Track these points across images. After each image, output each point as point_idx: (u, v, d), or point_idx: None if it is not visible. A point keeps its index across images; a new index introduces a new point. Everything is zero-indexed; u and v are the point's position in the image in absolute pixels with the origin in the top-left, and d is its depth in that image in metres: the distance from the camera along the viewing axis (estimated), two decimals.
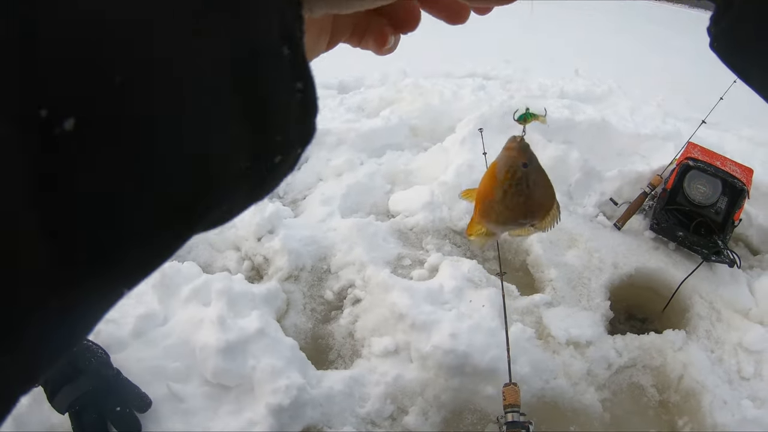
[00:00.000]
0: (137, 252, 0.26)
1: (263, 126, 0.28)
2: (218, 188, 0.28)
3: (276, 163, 0.30)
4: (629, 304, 3.37)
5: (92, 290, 0.25)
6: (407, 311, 2.74)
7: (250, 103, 0.27)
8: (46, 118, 0.20)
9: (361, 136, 4.13)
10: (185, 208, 0.26)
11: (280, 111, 0.29)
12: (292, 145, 0.31)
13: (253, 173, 0.29)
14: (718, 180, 3.51)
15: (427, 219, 3.48)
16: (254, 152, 0.29)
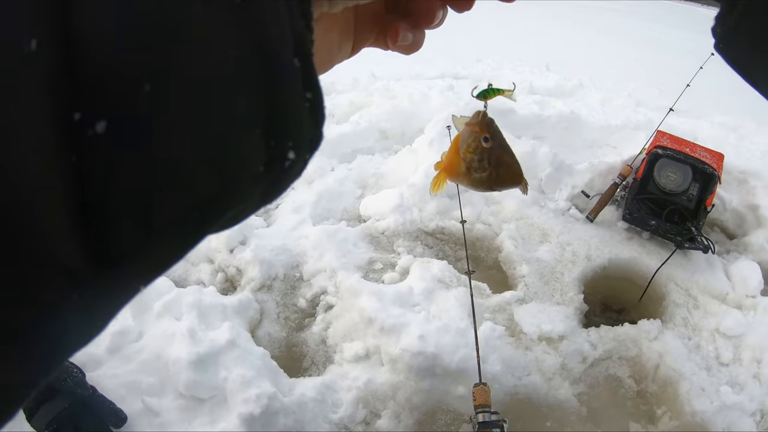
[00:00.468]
0: (158, 250, 0.28)
1: (277, 133, 0.30)
2: (236, 191, 0.30)
3: (286, 168, 0.32)
4: (605, 296, 3.36)
5: (112, 287, 0.27)
6: (375, 315, 2.72)
7: (267, 112, 0.29)
8: (79, 120, 0.22)
9: (331, 142, 4.12)
10: (206, 208, 0.28)
11: (292, 120, 0.31)
12: (301, 151, 0.33)
13: (266, 177, 0.31)
14: (688, 166, 3.50)
15: (398, 222, 3.46)
16: (268, 157, 0.30)
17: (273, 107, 0.29)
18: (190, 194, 0.27)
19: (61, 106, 0.22)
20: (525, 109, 4.42)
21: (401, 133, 4.37)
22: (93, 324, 0.28)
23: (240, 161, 0.29)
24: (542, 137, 4.23)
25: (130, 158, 0.24)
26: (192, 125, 0.26)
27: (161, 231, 0.27)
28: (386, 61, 6.13)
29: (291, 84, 0.30)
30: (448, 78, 5.66)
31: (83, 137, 0.22)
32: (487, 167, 0.71)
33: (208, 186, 0.28)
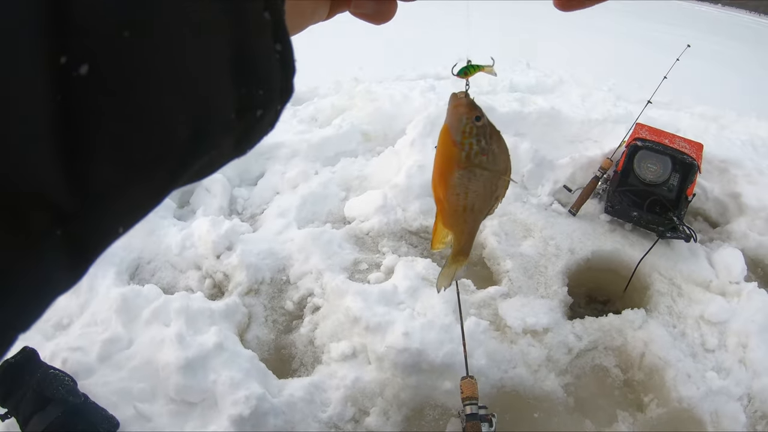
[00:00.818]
0: (137, 188, 0.29)
1: (246, 81, 0.32)
2: (210, 134, 0.31)
3: (258, 117, 0.34)
4: (589, 288, 3.38)
5: (94, 225, 0.28)
6: (361, 314, 2.73)
7: (236, 61, 0.31)
8: (65, 63, 0.24)
9: (314, 146, 4.14)
10: (182, 150, 0.30)
11: (263, 69, 0.33)
12: (273, 101, 0.35)
13: (238, 124, 0.33)
14: (668, 157, 3.54)
15: (382, 222, 3.48)
16: (240, 104, 0.32)
17: (243, 55, 0.31)
18: (167, 134, 0.28)
19: (50, 50, 0.23)
20: (506, 106, 4.45)
21: (383, 134, 4.39)
22: (76, 266, 0.29)
23: (212, 105, 0.30)
24: (523, 134, 4.26)
25: (111, 99, 0.25)
26: (168, 69, 0.27)
27: (140, 169, 0.28)
28: (368, 64, 6.17)
29: (261, 34, 0.32)
30: (429, 79, 5.68)
31: (68, 78, 0.24)
32: (488, 149, 0.65)
33: (184, 127, 0.29)
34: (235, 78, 0.31)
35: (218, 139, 0.32)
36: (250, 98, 0.33)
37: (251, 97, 0.33)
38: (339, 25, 0.54)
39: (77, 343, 2.63)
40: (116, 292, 2.85)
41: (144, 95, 0.26)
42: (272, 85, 0.34)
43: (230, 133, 0.33)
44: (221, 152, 0.34)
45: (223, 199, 3.81)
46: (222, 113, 0.31)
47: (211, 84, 0.30)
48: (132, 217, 0.31)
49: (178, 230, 3.46)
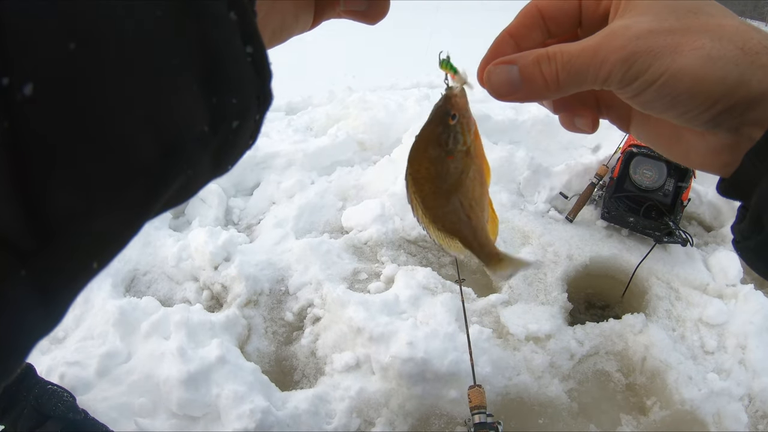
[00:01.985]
0: (106, 217, 0.26)
1: (216, 89, 0.29)
2: (180, 151, 0.28)
3: (234, 129, 0.31)
4: (588, 294, 3.40)
5: (60, 262, 0.25)
6: (364, 324, 2.73)
7: (199, 66, 0.28)
8: (8, 85, 0.21)
9: (310, 156, 4.13)
10: (150, 170, 0.27)
11: (233, 75, 0.30)
12: (249, 109, 0.32)
13: (213, 138, 0.30)
14: (663, 163, 3.56)
15: (380, 231, 3.48)
16: (212, 116, 0.29)
17: (208, 62, 0.28)
18: (131, 155, 0.25)
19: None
20: (500, 114, 4.47)
21: (379, 143, 4.39)
22: (50, 307, 0.26)
23: (179, 119, 0.27)
24: (518, 141, 4.29)
25: (62, 121, 0.23)
26: (123, 82, 0.25)
27: (105, 197, 0.25)
28: (361, 73, 6.18)
29: (227, 38, 0.29)
30: (423, 87, 5.70)
31: (13, 102, 0.21)
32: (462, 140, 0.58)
33: (151, 146, 0.26)
34: (204, 87, 0.28)
35: (192, 156, 0.29)
36: (223, 108, 0.30)
37: (224, 107, 0.30)
38: (330, 32, 0.53)
39: (74, 358, 2.61)
40: (113, 305, 2.83)
41: (97, 112, 0.24)
42: (246, 92, 0.31)
43: (206, 149, 0.30)
44: (199, 171, 0.31)
45: (218, 209, 3.80)
46: (193, 127, 0.28)
47: (175, 95, 0.27)
48: (106, 251, 0.28)
49: (174, 241, 3.44)
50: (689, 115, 0.45)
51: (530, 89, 0.50)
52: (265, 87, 0.33)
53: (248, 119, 0.33)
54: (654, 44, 0.44)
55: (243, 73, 0.31)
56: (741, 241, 0.48)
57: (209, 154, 0.31)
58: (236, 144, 0.33)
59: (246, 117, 0.32)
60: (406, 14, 9.55)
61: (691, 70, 0.43)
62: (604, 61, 0.45)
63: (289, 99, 5.51)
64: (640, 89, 0.45)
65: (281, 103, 5.45)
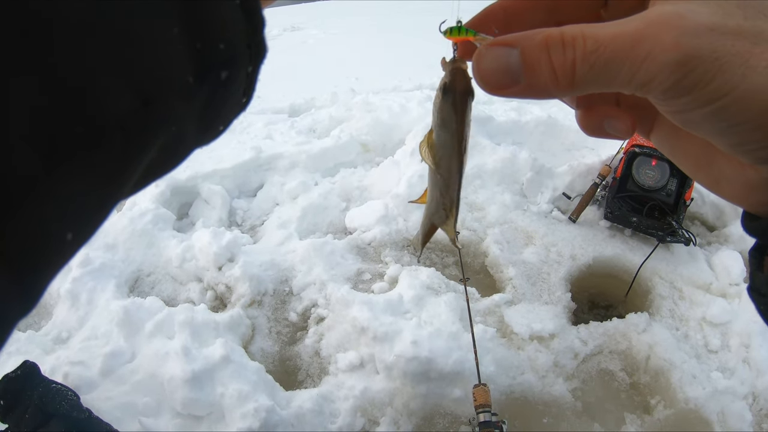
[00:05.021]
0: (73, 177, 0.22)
1: (202, 32, 0.26)
2: (161, 102, 0.25)
3: (223, 80, 0.28)
4: (592, 294, 3.40)
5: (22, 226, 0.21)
6: (368, 324, 2.73)
7: (180, 7, 0.25)
8: None
9: (313, 157, 4.15)
10: (124, 122, 0.24)
11: (219, 18, 0.27)
12: (239, 58, 0.29)
13: (199, 89, 0.27)
14: (665, 163, 3.56)
15: (384, 232, 3.49)
16: (197, 65, 0.26)
17: (190, 2, 0.25)
18: (101, 108, 0.23)
19: None
20: (503, 116, 4.49)
21: (382, 145, 4.41)
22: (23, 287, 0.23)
23: (157, 66, 0.24)
24: (521, 143, 4.30)
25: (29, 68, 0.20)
26: (94, 23, 0.22)
27: (67, 150, 0.22)
28: (364, 75, 6.20)
29: None
30: (425, 89, 5.72)
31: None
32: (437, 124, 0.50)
33: (123, 99, 0.23)
34: (185, 30, 0.25)
35: (176, 109, 0.26)
36: (209, 55, 0.26)
37: (211, 54, 0.27)
38: (333, 35, 0.50)
39: (78, 357, 2.62)
40: (117, 305, 2.85)
41: (69, 57, 0.21)
42: (235, 38, 0.28)
43: (191, 102, 0.27)
44: (184, 129, 0.28)
45: (222, 210, 3.81)
46: (175, 75, 0.25)
47: (152, 38, 0.24)
48: (81, 220, 0.24)
49: (178, 242, 3.45)
50: (745, 147, 0.36)
51: (532, 83, 0.37)
52: (256, 34, 0.29)
53: (239, 70, 0.29)
54: (719, 48, 0.32)
55: (230, 16, 0.27)
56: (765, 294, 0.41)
57: (196, 109, 0.28)
58: (226, 99, 0.29)
59: (236, 66, 0.29)
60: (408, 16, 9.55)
61: (766, 95, 0.32)
62: (648, 59, 0.33)
63: (292, 101, 5.53)
64: (690, 106, 0.34)
65: (284, 105, 5.47)
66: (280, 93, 5.56)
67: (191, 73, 0.26)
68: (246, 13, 0.28)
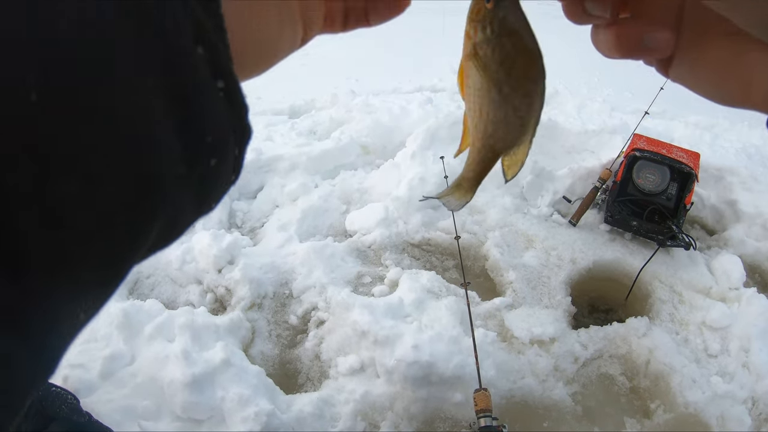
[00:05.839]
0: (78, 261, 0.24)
1: (188, 128, 0.27)
2: (158, 193, 0.27)
3: (213, 167, 0.30)
4: (592, 297, 3.40)
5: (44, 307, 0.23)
6: (369, 328, 2.73)
7: (169, 106, 0.26)
8: None
9: (313, 159, 4.14)
10: (127, 213, 0.26)
11: (204, 112, 0.28)
12: (226, 146, 0.31)
13: (192, 178, 0.29)
14: (666, 167, 3.57)
15: (384, 235, 3.49)
16: (186, 155, 0.28)
17: (177, 102, 0.27)
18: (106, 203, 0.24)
19: None
20: None
21: (382, 147, 4.41)
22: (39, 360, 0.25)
23: (152, 162, 0.26)
24: None
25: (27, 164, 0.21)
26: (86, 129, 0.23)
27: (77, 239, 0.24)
28: (363, 76, 6.19)
29: (195, 74, 0.28)
30: (425, 91, 5.71)
31: None
32: (494, 42, 0.48)
33: (126, 192, 0.25)
34: (175, 128, 0.27)
35: (172, 197, 0.28)
36: (197, 147, 0.28)
37: (199, 146, 0.28)
38: (333, 36, 0.50)
39: (77, 360, 2.61)
40: (116, 307, 2.83)
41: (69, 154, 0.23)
42: (221, 129, 0.30)
43: (185, 189, 0.29)
44: (181, 211, 0.30)
45: (222, 212, 3.81)
46: (169, 168, 0.27)
47: (144, 138, 0.25)
48: (93, 295, 0.27)
49: (177, 244, 3.44)
50: None
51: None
52: (241, 121, 0.32)
53: (226, 156, 0.31)
54: None
55: (215, 110, 0.29)
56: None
57: (190, 194, 0.30)
58: (217, 182, 0.31)
59: (224, 154, 0.31)
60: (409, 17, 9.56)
61: None
62: None
63: (292, 102, 5.52)
64: None
65: (284, 106, 5.46)
66: (280, 94, 5.54)
67: (182, 165, 0.28)
68: (230, 103, 0.30)
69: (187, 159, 0.28)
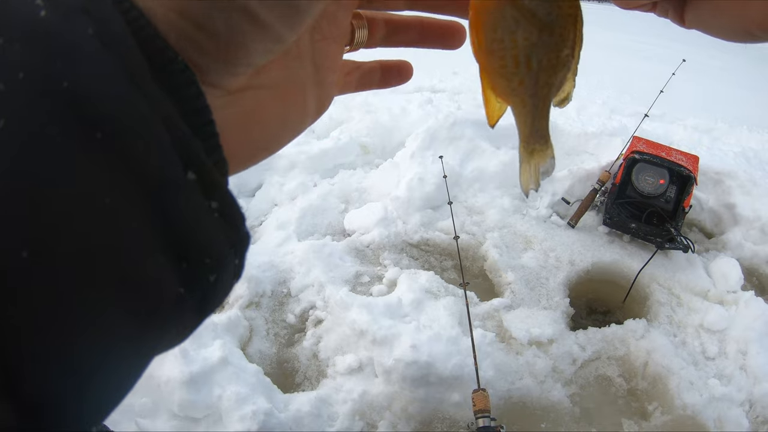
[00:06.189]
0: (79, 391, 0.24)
1: (186, 255, 0.27)
2: (157, 318, 0.27)
3: (213, 282, 0.29)
4: (590, 299, 3.41)
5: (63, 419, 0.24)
6: (367, 327, 2.73)
7: (163, 237, 0.26)
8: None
9: (313, 158, 4.14)
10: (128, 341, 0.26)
11: (199, 236, 0.28)
12: (225, 261, 0.30)
13: (191, 297, 0.28)
14: (665, 170, 3.58)
15: (383, 235, 3.49)
16: (183, 279, 0.27)
17: (169, 233, 0.26)
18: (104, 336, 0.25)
19: None
20: (503, 120, 4.41)
21: (382, 147, 4.41)
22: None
23: (151, 289, 0.26)
24: None
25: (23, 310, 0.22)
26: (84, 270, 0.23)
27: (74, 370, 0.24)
28: None
29: (187, 204, 0.27)
30: (425, 92, 5.71)
31: None
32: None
33: (124, 325, 0.25)
34: (169, 257, 0.27)
35: (171, 317, 0.28)
36: (195, 270, 0.28)
37: (197, 269, 0.28)
38: None
39: None
40: None
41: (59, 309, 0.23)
42: (218, 249, 0.29)
43: (184, 306, 0.28)
44: (183, 324, 0.29)
45: None
46: (165, 295, 0.27)
47: (146, 269, 0.26)
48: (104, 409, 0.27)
49: None
50: None
51: None
52: (239, 233, 0.31)
53: (226, 269, 0.30)
54: None
55: (211, 233, 0.29)
56: None
57: (191, 311, 0.29)
58: (217, 292, 0.30)
59: (223, 269, 0.30)
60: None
61: None
62: None
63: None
64: None
65: None
66: None
67: (181, 286, 0.27)
68: (226, 220, 0.30)
69: (185, 283, 0.28)
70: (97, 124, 0.24)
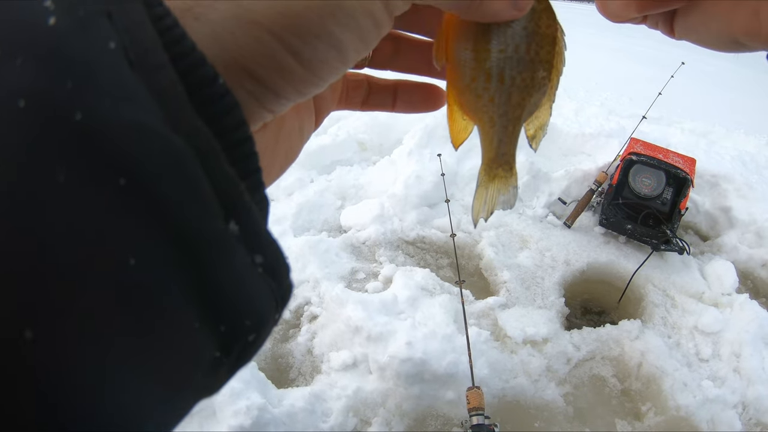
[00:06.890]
0: None
1: (223, 318, 0.24)
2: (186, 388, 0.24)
3: (251, 341, 0.26)
4: (585, 299, 3.41)
5: None
6: (362, 324, 2.72)
7: (201, 304, 0.23)
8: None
9: (310, 154, 4.13)
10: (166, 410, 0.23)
11: (241, 297, 0.25)
12: (266, 316, 0.26)
13: (226, 359, 0.25)
14: (662, 172, 3.58)
15: (379, 231, 3.48)
16: (221, 342, 0.24)
17: (206, 300, 0.23)
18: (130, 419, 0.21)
19: None
20: None
21: (379, 144, 4.40)
22: None
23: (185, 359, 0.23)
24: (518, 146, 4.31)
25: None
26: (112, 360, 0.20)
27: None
28: None
29: (227, 263, 0.24)
30: None
31: None
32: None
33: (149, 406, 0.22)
34: (207, 322, 0.23)
35: (203, 385, 0.25)
36: (234, 332, 0.25)
37: (236, 331, 0.25)
38: None
39: None
40: None
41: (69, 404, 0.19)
42: (261, 309, 0.26)
43: (219, 369, 0.25)
44: (215, 388, 0.27)
45: None
46: (201, 362, 0.24)
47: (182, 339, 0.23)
48: None
49: None
50: None
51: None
52: (282, 287, 0.27)
53: (267, 329, 0.27)
54: None
55: (254, 293, 0.25)
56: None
57: (225, 370, 0.26)
58: (255, 350, 0.27)
59: (264, 328, 0.27)
60: None
61: None
62: None
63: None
64: None
65: None
66: None
67: (217, 350, 0.24)
68: (271, 275, 0.26)
69: (221, 345, 0.25)
70: (119, 168, 0.20)
